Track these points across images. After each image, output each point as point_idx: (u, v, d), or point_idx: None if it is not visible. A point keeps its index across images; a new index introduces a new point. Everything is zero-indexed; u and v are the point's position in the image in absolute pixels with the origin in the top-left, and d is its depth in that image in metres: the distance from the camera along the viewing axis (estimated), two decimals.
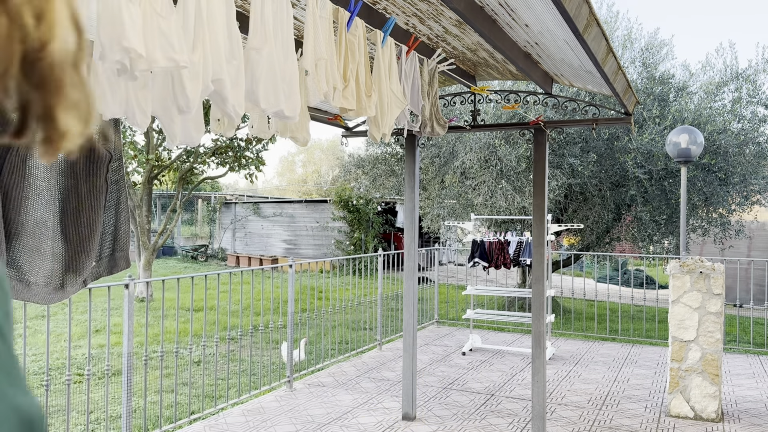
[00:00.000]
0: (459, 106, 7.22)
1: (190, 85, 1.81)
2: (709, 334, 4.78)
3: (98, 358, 7.07)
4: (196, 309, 10.20)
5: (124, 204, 2.96)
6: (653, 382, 6.07)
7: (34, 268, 2.46)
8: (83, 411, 5.18)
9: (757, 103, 10.36)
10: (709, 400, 4.76)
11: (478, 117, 4.60)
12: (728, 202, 10.19)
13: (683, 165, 7.11)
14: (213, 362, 6.78)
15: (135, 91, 2.07)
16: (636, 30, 14.67)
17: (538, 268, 4.44)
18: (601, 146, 10.07)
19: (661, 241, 11.32)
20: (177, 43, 1.71)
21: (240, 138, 11.39)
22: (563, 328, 9.22)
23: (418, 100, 3.65)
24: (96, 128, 2.74)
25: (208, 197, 22.68)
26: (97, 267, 2.86)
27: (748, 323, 9.50)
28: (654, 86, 10.35)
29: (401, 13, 3.33)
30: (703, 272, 4.80)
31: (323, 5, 2.49)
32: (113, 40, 1.55)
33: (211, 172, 17.37)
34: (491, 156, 9.74)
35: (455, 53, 4.13)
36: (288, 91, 2.25)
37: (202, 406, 4.71)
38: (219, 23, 1.94)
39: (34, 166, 2.45)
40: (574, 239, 12.18)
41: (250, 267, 11.62)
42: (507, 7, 3.00)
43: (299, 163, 46.27)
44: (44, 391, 3.81)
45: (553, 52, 3.78)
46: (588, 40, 2.99)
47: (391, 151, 11.92)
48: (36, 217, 2.45)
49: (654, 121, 9.80)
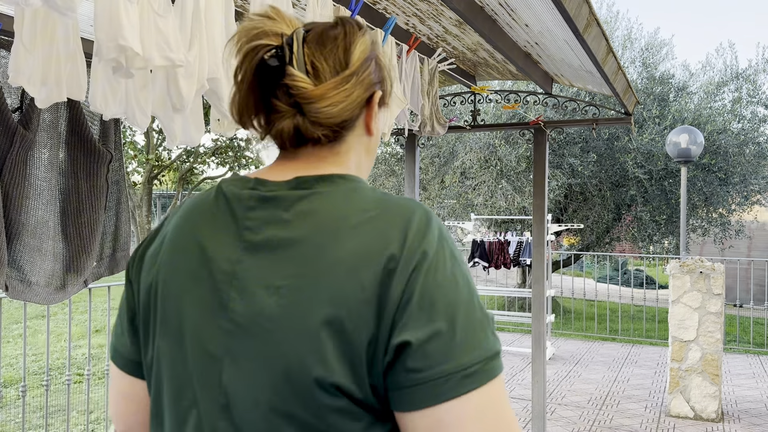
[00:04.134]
0: (459, 106, 7.23)
1: (184, 84, 1.81)
2: (709, 334, 4.78)
3: (98, 358, 7.08)
4: None
5: (125, 204, 2.96)
6: (653, 382, 6.07)
7: (35, 268, 2.46)
8: (83, 411, 5.18)
9: (757, 103, 10.37)
10: (709, 400, 4.76)
11: (478, 117, 4.61)
12: (728, 202, 10.19)
13: (683, 165, 7.12)
14: None
15: (135, 91, 2.07)
16: (636, 30, 14.68)
17: (538, 268, 4.44)
18: (601, 146, 10.07)
19: (661, 241, 11.33)
20: (174, 42, 1.71)
21: (240, 138, 11.40)
22: (563, 328, 9.22)
23: (418, 100, 3.65)
24: (96, 128, 2.74)
25: None
26: (97, 267, 2.86)
27: (748, 323, 9.51)
28: (654, 86, 10.35)
29: (401, 13, 3.34)
30: (703, 272, 4.81)
31: (324, 4, 2.49)
32: (109, 37, 1.55)
33: (211, 172, 17.40)
34: (491, 156, 9.74)
35: (455, 53, 4.13)
36: None
37: None
38: (217, 21, 1.94)
39: (34, 166, 2.45)
40: (574, 239, 12.18)
41: None
42: (507, 7, 3.00)
43: None
44: (44, 391, 3.82)
45: (553, 52, 3.79)
46: (588, 40, 2.99)
47: (391, 151, 11.92)
48: (37, 217, 2.45)
49: (654, 121, 9.80)
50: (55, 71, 1.90)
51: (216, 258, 0.76)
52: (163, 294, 0.79)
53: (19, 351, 7.51)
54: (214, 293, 0.74)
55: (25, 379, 3.48)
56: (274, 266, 0.72)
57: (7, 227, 2.34)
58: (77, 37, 1.98)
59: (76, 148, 2.61)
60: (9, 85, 2.30)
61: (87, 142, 2.62)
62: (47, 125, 2.47)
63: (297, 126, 0.77)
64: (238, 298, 0.72)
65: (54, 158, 2.52)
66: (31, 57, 1.84)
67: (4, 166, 2.28)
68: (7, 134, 2.26)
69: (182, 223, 0.82)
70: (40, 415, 5.15)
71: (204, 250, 0.77)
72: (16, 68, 1.81)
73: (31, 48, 1.83)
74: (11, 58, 1.81)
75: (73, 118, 2.58)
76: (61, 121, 2.56)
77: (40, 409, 5.30)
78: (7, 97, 2.32)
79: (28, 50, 1.83)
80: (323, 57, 0.77)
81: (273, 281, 0.71)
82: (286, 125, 0.77)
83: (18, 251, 2.40)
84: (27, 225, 2.41)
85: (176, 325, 0.77)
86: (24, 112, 2.34)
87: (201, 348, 0.74)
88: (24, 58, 1.82)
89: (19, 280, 2.43)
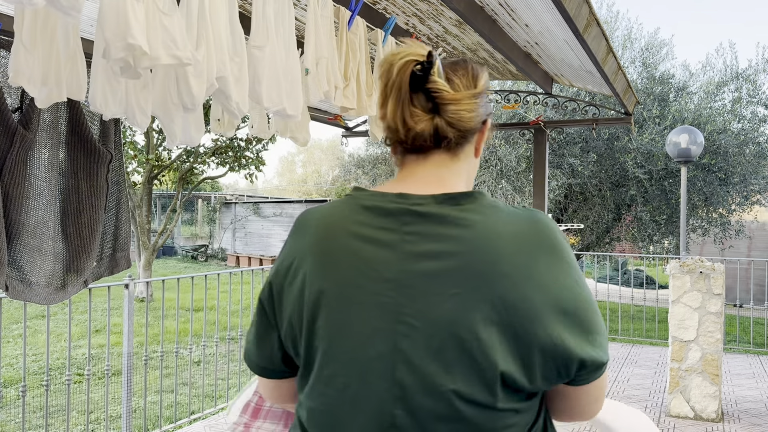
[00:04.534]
0: None
1: (195, 83, 1.81)
2: (709, 334, 4.78)
3: (98, 358, 7.08)
4: (196, 309, 10.21)
5: (125, 204, 2.96)
6: (653, 382, 6.07)
7: (35, 269, 2.46)
8: (83, 411, 5.19)
9: (757, 103, 10.37)
10: (709, 400, 4.76)
11: None
12: (728, 202, 10.19)
13: (683, 165, 7.11)
14: (213, 362, 6.79)
15: (135, 91, 2.07)
16: (636, 30, 14.68)
17: None
18: (601, 146, 10.08)
19: (661, 241, 11.33)
20: (180, 40, 1.70)
21: (240, 138, 11.39)
22: None
23: None
24: (96, 128, 2.74)
25: (208, 197, 22.68)
26: (98, 267, 2.86)
27: (748, 323, 9.51)
28: (654, 86, 10.35)
29: (401, 13, 3.33)
30: (703, 272, 4.81)
31: (324, 4, 2.49)
32: (117, 36, 1.54)
33: (211, 172, 17.38)
34: (491, 156, 9.74)
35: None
36: (290, 89, 2.25)
37: (202, 406, 4.71)
38: (222, 20, 1.94)
39: (34, 166, 2.45)
40: (574, 239, 12.18)
41: (250, 267, 11.63)
42: (507, 7, 3.00)
43: (299, 163, 46.29)
44: (44, 391, 3.82)
45: (553, 52, 3.79)
46: (588, 40, 2.99)
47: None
48: (37, 217, 2.45)
49: (654, 121, 9.80)
50: (55, 71, 1.90)
51: (378, 268, 0.87)
52: (327, 303, 0.89)
53: (19, 351, 7.51)
54: (384, 299, 0.86)
55: (25, 379, 3.48)
56: (442, 275, 0.84)
57: (7, 227, 2.34)
58: (77, 37, 1.98)
59: (76, 148, 2.60)
60: (9, 85, 2.29)
61: (87, 142, 2.62)
62: (47, 125, 2.47)
63: (436, 126, 0.92)
64: (408, 304, 0.85)
65: (54, 158, 2.51)
66: (31, 57, 1.83)
67: (4, 166, 2.28)
68: (7, 134, 2.26)
69: (327, 236, 0.92)
70: (40, 415, 5.15)
71: (365, 260, 0.88)
72: (16, 68, 1.80)
73: (31, 48, 1.83)
74: (11, 58, 1.81)
75: (73, 118, 2.58)
76: (61, 121, 2.56)
77: (40, 409, 5.30)
78: (7, 97, 2.31)
79: (28, 50, 1.82)
80: (456, 76, 0.95)
81: (442, 289, 0.84)
82: (426, 126, 0.92)
83: (18, 251, 2.39)
84: (27, 225, 2.40)
85: (344, 329, 0.87)
86: (24, 112, 2.34)
87: (373, 348, 0.86)
88: (24, 58, 1.81)
89: (19, 280, 2.43)
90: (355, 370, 0.87)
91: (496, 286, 0.83)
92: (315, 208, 0.98)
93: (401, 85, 0.92)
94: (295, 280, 0.92)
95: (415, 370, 0.83)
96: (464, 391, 0.83)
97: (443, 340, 0.83)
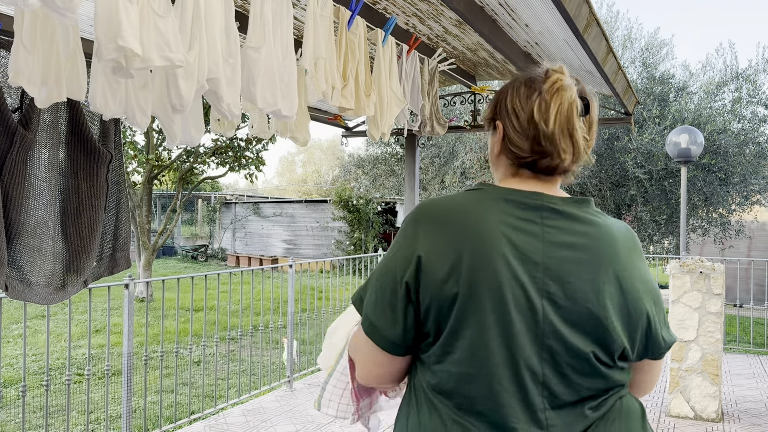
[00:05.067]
0: (459, 106, 7.22)
1: (183, 84, 1.81)
2: (709, 334, 4.78)
3: (98, 358, 7.08)
4: (196, 309, 10.21)
5: (125, 204, 2.96)
6: None
7: (35, 268, 2.46)
8: (83, 411, 5.19)
9: (757, 103, 10.36)
10: (709, 400, 4.76)
11: (478, 117, 4.61)
12: (728, 202, 10.19)
13: (683, 165, 7.11)
14: (213, 362, 6.78)
15: (135, 91, 2.07)
16: (636, 30, 14.68)
17: None
18: (601, 146, 10.08)
19: (661, 241, 11.33)
20: (173, 42, 1.70)
21: (240, 138, 11.38)
22: None
23: (418, 100, 3.65)
24: (96, 128, 2.74)
25: (208, 197, 22.68)
26: (97, 267, 2.86)
27: (748, 323, 9.51)
28: (654, 86, 10.35)
29: (401, 13, 3.34)
30: (703, 272, 4.81)
31: (324, 4, 2.49)
32: (109, 38, 1.54)
33: (211, 172, 17.39)
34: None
35: (455, 53, 4.13)
36: (286, 91, 2.25)
37: (202, 406, 4.71)
38: (217, 22, 1.94)
39: (34, 166, 2.45)
40: None
41: (250, 267, 11.63)
42: (507, 7, 3.01)
43: (299, 163, 46.29)
44: (44, 391, 3.82)
45: (553, 52, 3.79)
46: (588, 40, 2.99)
47: (391, 151, 11.92)
48: (37, 217, 2.45)
49: (654, 121, 9.80)
50: (55, 71, 1.90)
51: (527, 252, 1.02)
52: (484, 278, 1.01)
53: (19, 351, 7.51)
54: (534, 279, 1.02)
55: (25, 379, 3.48)
56: (579, 263, 1.03)
57: (7, 227, 2.34)
58: (77, 37, 1.98)
59: (76, 148, 2.60)
60: (9, 85, 2.29)
61: (87, 142, 2.61)
62: (47, 125, 2.47)
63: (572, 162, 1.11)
64: (552, 284, 1.02)
65: (54, 158, 2.51)
66: (31, 57, 1.83)
67: (4, 166, 2.27)
68: (7, 134, 2.26)
69: (478, 220, 1.04)
70: (40, 415, 5.15)
71: (516, 245, 1.02)
72: (16, 68, 1.80)
73: (31, 48, 1.83)
74: (11, 58, 1.81)
75: (73, 118, 2.58)
76: (61, 121, 2.56)
77: (40, 409, 5.30)
78: (7, 97, 2.31)
79: (28, 50, 1.82)
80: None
81: (580, 275, 1.03)
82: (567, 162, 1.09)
83: (18, 251, 2.39)
84: (27, 225, 2.40)
85: (499, 303, 1.00)
86: (24, 112, 2.34)
87: (525, 319, 1.01)
88: (24, 58, 1.81)
89: (19, 280, 2.43)
90: (508, 337, 1.01)
91: (617, 276, 1.04)
92: (439, 198, 1.10)
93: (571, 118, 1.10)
94: (446, 260, 1.02)
95: (560, 337, 1.02)
96: (599, 354, 1.03)
97: (581, 315, 1.02)
